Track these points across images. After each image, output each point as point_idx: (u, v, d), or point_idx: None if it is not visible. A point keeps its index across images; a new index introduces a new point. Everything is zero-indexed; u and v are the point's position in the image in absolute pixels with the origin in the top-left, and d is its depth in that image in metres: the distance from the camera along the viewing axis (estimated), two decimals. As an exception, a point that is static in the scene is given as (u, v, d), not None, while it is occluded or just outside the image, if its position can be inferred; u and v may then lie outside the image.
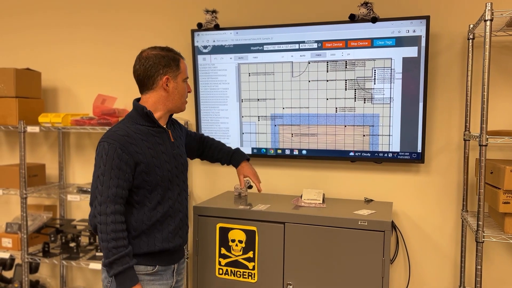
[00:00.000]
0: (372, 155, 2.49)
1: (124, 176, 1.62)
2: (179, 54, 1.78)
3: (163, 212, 1.72)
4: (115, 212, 1.60)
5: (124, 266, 1.59)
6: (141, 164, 1.65)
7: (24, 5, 3.20)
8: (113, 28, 3.01)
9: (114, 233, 1.58)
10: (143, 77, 1.72)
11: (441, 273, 2.50)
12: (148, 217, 1.69)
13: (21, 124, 2.76)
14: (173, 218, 1.76)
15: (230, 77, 2.68)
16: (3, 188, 2.90)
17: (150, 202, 1.70)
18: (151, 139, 1.71)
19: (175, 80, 1.74)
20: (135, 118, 1.73)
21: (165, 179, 1.72)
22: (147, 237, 1.70)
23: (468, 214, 2.33)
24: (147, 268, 1.71)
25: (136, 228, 1.68)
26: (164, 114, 1.77)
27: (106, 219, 1.59)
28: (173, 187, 1.77)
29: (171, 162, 1.75)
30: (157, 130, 1.75)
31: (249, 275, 2.24)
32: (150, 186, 1.68)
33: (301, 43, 2.53)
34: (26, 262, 2.83)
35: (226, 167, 2.83)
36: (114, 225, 1.59)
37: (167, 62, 1.71)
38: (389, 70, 2.40)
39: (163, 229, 1.73)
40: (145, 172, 1.66)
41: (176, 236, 1.77)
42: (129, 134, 1.66)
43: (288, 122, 2.61)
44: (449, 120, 2.45)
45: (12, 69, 2.80)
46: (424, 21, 2.31)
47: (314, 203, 2.34)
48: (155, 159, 1.69)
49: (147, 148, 1.68)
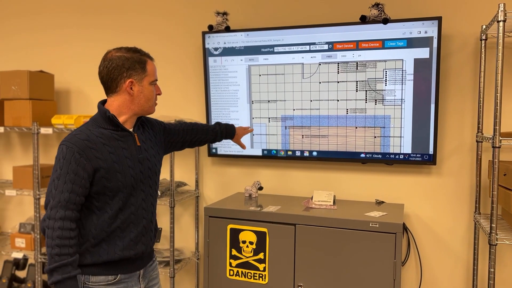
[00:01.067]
0: (383, 157, 2.48)
1: (80, 182, 1.54)
2: (147, 55, 1.69)
3: (124, 218, 1.64)
4: (64, 218, 1.52)
5: (63, 275, 1.50)
6: (100, 169, 1.58)
7: (37, 8, 3.25)
8: (125, 30, 3.04)
9: (60, 239, 1.50)
10: (106, 80, 1.65)
11: (453, 275, 2.48)
12: (108, 224, 1.61)
13: (34, 126, 2.80)
14: (135, 225, 1.68)
15: (240, 79, 2.69)
16: (17, 188, 2.94)
17: (111, 209, 1.62)
18: (114, 143, 1.63)
19: (141, 83, 1.66)
20: (98, 121, 1.66)
21: (127, 185, 1.64)
22: (108, 245, 1.62)
23: (481, 217, 2.30)
24: (108, 278, 1.63)
25: (95, 236, 1.60)
26: (129, 117, 1.69)
27: (53, 224, 1.51)
28: (137, 192, 1.68)
29: (135, 167, 1.67)
30: (121, 134, 1.66)
31: (260, 277, 2.24)
32: (111, 192, 1.61)
33: (311, 45, 2.53)
34: (39, 262, 2.87)
35: (236, 168, 2.84)
36: (61, 231, 1.51)
37: (131, 64, 1.63)
38: (401, 71, 2.39)
39: (124, 236, 1.65)
40: (105, 178, 1.58)
41: (138, 244, 1.68)
42: (89, 138, 1.59)
43: (299, 124, 2.61)
44: (461, 121, 2.43)
45: (26, 72, 2.84)
46: (436, 22, 2.30)
47: (325, 205, 2.34)
48: (117, 164, 1.61)
49: (108, 153, 1.60)
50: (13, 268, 3.10)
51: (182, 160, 2.95)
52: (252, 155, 2.73)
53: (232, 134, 2.21)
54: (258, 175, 2.81)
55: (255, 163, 2.81)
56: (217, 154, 2.80)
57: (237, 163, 2.85)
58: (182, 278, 3.00)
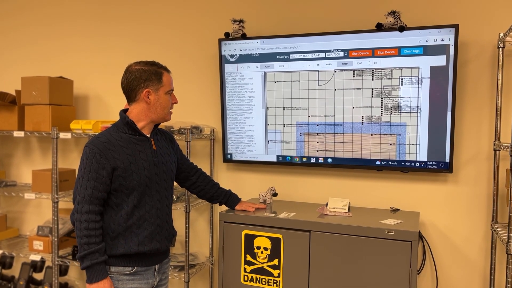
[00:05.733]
0: (399, 164, 2.47)
1: (101, 179, 1.74)
2: (163, 68, 1.88)
3: (139, 215, 1.81)
4: (89, 212, 1.72)
5: (92, 261, 1.71)
6: (118, 169, 1.75)
7: (58, 15, 3.32)
8: (142, 38, 3.09)
9: (87, 230, 1.71)
10: (126, 90, 1.85)
11: (470, 285, 2.45)
12: (124, 220, 1.79)
13: (54, 131, 2.86)
14: (150, 223, 1.84)
15: (256, 86, 2.71)
16: (36, 192, 2.99)
17: (128, 205, 1.79)
18: (131, 146, 1.82)
19: (157, 93, 1.84)
20: (119, 126, 1.85)
21: (142, 184, 1.80)
22: (124, 239, 1.79)
23: (498, 226, 2.28)
24: (126, 269, 1.81)
25: (113, 230, 1.79)
26: (147, 124, 1.88)
27: (81, 217, 1.72)
28: (152, 192, 1.85)
29: (150, 168, 1.84)
30: (139, 138, 1.85)
31: (274, 283, 2.25)
32: (127, 190, 1.78)
33: (327, 52, 2.54)
34: (56, 264, 2.91)
35: (251, 174, 2.85)
36: (87, 223, 1.71)
37: (148, 76, 1.82)
38: (417, 79, 2.39)
39: (139, 232, 1.82)
40: (122, 177, 1.76)
41: (152, 241, 1.85)
42: (109, 140, 1.78)
43: (314, 131, 2.62)
44: (479, 129, 2.41)
45: (46, 78, 2.90)
46: (453, 29, 2.29)
47: (339, 212, 2.33)
48: (133, 164, 1.79)
49: (125, 155, 1.78)
50: (31, 270, 3.15)
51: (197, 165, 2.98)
52: (267, 161, 2.74)
53: (235, 202, 2.36)
54: (272, 181, 2.82)
55: (269, 169, 2.83)
56: (232, 160, 2.82)
57: (252, 169, 2.86)
58: (196, 283, 3.01)
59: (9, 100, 3.05)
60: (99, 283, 1.72)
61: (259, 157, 2.76)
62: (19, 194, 3.00)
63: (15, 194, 3.03)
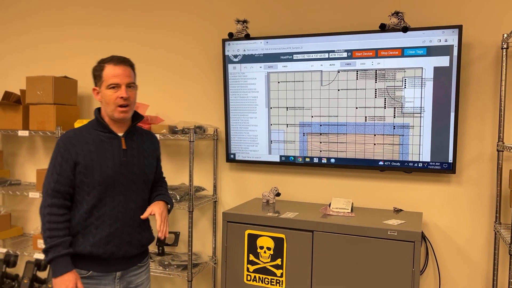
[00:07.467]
0: (402, 165, 2.47)
1: (64, 174, 1.73)
2: (108, 60, 1.79)
3: (98, 215, 1.76)
4: (51, 205, 1.71)
5: (55, 254, 1.67)
6: (79, 164, 1.73)
7: (64, 19, 3.34)
8: (144, 42, 3.10)
9: (49, 223, 1.69)
10: None
11: (472, 286, 2.45)
12: (84, 218, 1.75)
13: (58, 130, 2.87)
14: (108, 225, 1.76)
15: (259, 86, 2.72)
16: (40, 191, 3.01)
17: (87, 204, 1.75)
18: (98, 143, 1.78)
19: (101, 89, 1.80)
20: (92, 123, 1.84)
21: (103, 183, 1.75)
22: (82, 238, 1.75)
23: (501, 227, 2.28)
24: (81, 272, 1.76)
25: (73, 227, 1.76)
26: (109, 120, 1.83)
27: (44, 211, 1.71)
28: (114, 193, 1.78)
29: (115, 168, 1.77)
30: (108, 136, 1.81)
31: (277, 282, 2.25)
32: (87, 187, 1.74)
33: (330, 52, 2.55)
34: (60, 263, 2.92)
35: (254, 174, 2.86)
36: (49, 216, 1.70)
37: (94, 74, 1.82)
38: (420, 79, 2.39)
39: (96, 233, 1.75)
40: (82, 173, 1.73)
41: (109, 244, 1.76)
42: (76, 136, 1.77)
43: (317, 131, 2.63)
44: (482, 130, 2.41)
45: (51, 77, 2.92)
46: (457, 30, 2.29)
47: (342, 212, 2.34)
48: (95, 162, 1.74)
49: (88, 151, 1.75)
50: (35, 268, 3.17)
51: (200, 165, 2.99)
52: (270, 161, 2.75)
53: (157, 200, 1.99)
54: (275, 181, 2.83)
55: (272, 169, 2.83)
56: (235, 160, 2.83)
57: (255, 169, 2.87)
58: (199, 282, 3.03)
59: (13, 100, 3.07)
60: (63, 276, 1.67)
61: (262, 157, 2.77)
62: (24, 193, 3.01)
63: (20, 193, 3.04)
